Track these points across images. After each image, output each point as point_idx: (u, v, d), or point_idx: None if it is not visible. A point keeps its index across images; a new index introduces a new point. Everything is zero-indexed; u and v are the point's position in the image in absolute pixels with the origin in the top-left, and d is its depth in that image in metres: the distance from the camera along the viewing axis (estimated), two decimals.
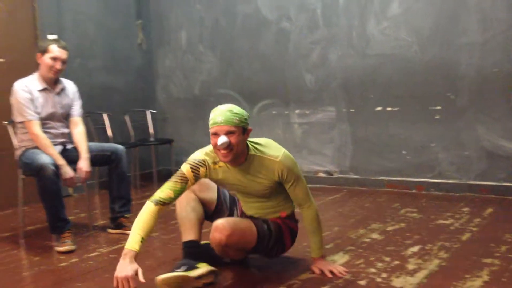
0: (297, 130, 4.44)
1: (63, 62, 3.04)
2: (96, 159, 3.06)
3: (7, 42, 3.96)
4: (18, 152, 3.02)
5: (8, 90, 3.00)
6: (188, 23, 4.96)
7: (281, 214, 2.31)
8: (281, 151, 2.18)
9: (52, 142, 2.95)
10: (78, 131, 3.13)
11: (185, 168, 2.16)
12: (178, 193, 2.13)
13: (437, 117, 3.79)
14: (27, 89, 2.94)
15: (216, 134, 2.06)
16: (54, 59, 2.99)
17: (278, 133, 4.47)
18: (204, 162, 2.18)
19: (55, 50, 2.99)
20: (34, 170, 2.75)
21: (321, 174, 4.33)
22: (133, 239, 2.00)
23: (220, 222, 2.12)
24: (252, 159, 2.17)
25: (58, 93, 3.09)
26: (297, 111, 4.42)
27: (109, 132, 4.43)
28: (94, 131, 4.26)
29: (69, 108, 3.14)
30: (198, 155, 2.20)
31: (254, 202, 2.30)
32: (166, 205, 2.10)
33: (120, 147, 3.14)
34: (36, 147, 2.91)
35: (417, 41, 3.80)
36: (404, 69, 3.88)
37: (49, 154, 2.83)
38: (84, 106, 3.30)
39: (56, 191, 2.77)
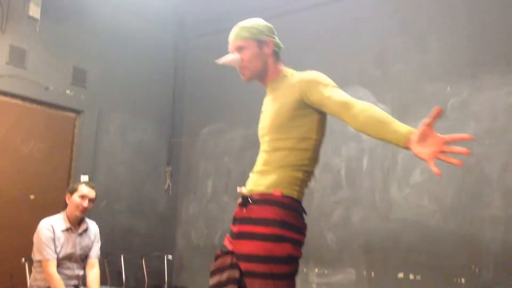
0: None
1: (91, 200, 3.14)
2: None
3: (41, 181, 4.14)
4: None
5: (32, 227, 3.06)
6: (215, 173, 5.14)
7: (274, 191, 1.79)
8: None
9: (65, 283, 2.92)
10: (93, 273, 3.11)
11: None
12: None
13: None
14: (51, 228, 3.01)
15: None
16: (82, 197, 3.10)
17: None
18: None
19: (84, 189, 3.12)
20: None
21: None
22: None
23: None
24: (285, 76, 1.92)
25: (80, 234, 3.13)
26: (316, 269, 4.31)
27: (123, 276, 4.36)
28: (109, 274, 4.20)
29: (88, 249, 3.16)
30: None
31: (263, 150, 1.91)
32: None
33: None
34: None
35: (440, 210, 3.81)
36: (427, 236, 3.83)
37: None
38: (103, 247, 3.32)
39: None
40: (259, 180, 1.86)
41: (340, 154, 4.28)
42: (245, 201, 1.85)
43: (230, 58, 1.88)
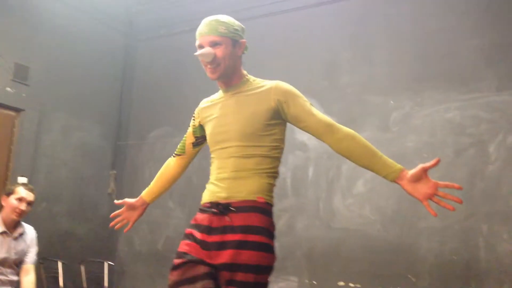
0: None
1: (28, 203, 3.03)
2: None
3: None
4: None
5: None
6: None
7: (258, 197, 1.79)
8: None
9: None
10: (28, 279, 2.99)
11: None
12: (182, 142, 2.11)
13: None
14: None
15: (201, 47, 1.82)
16: (20, 199, 2.98)
17: None
18: (199, 104, 2.04)
19: (21, 191, 3.00)
20: None
21: None
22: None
23: None
24: (247, 81, 1.90)
25: (16, 238, 3.01)
26: None
27: (61, 282, 4.20)
28: (45, 280, 4.04)
29: (23, 254, 3.04)
30: None
31: (231, 155, 1.82)
32: (175, 156, 2.13)
33: None
34: None
35: (381, 220, 3.92)
36: (367, 246, 3.93)
37: None
38: (40, 252, 3.20)
39: None
40: (236, 187, 1.78)
41: (287, 162, 4.33)
42: (225, 209, 1.76)
43: (205, 52, 1.77)
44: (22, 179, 3.47)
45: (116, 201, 2.18)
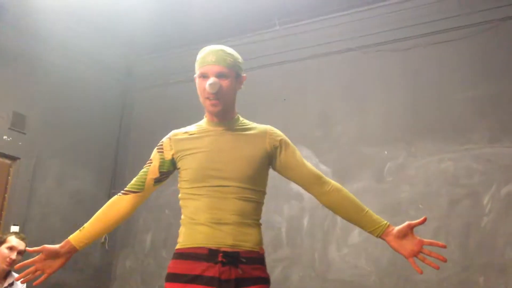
0: None
1: (20, 252, 2.99)
2: None
3: None
4: None
5: None
6: (155, 227, 5.02)
7: (260, 248, 1.73)
8: None
9: None
10: None
11: (153, 152, 1.90)
12: (140, 178, 1.86)
13: None
14: None
15: (205, 77, 1.71)
16: (11, 248, 2.95)
17: None
18: (169, 135, 1.88)
19: (13, 240, 2.97)
20: None
21: None
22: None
23: None
24: (238, 119, 1.83)
25: None
26: None
27: None
28: None
29: None
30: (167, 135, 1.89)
31: (231, 196, 1.69)
32: (127, 193, 1.85)
33: None
34: None
35: (376, 271, 3.87)
36: None
37: None
38: None
39: None
40: (242, 235, 1.68)
41: (283, 213, 4.31)
42: (236, 259, 1.63)
43: (213, 82, 1.67)
44: (14, 228, 3.44)
45: (28, 249, 1.81)
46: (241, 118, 1.86)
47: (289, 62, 4.59)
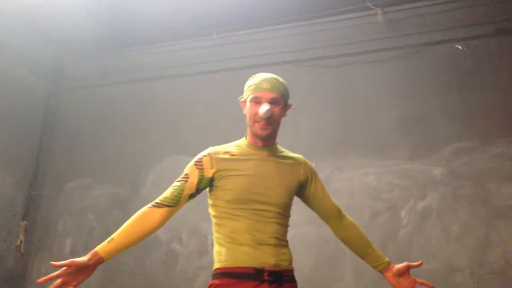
0: None
1: None
2: None
3: None
4: None
5: None
6: (76, 231, 4.83)
7: (291, 267, 1.87)
8: None
9: None
10: None
11: (188, 169, 1.88)
12: (176, 192, 1.83)
13: None
14: None
15: (257, 102, 1.82)
16: None
17: None
18: (208, 153, 1.88)
19: None
20: None
21: None
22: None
23: None
24: (277, 145, 1.97)
25: None
26: None
27: None
28: None
29: None
30: (205, 151, 1.91)
31: (271, 220, 1.81)
32: (161, 207, 1.81)
33: None
34: None
35: (298, 280, 3.94)
36: None
37: None
38: None
39: None
40: (281, 255, 1.81)
41: (209, 219, 4.28)
42: (279, 278, 1.77)
43: (269, 108, 1.77)
44: None
45: (54, 263, 1.71)
46: (279, 147, 1.99)
47: (224, 71, 4.61)
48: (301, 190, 1.97)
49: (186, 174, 1.88)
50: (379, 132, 4.03)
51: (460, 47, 3.92)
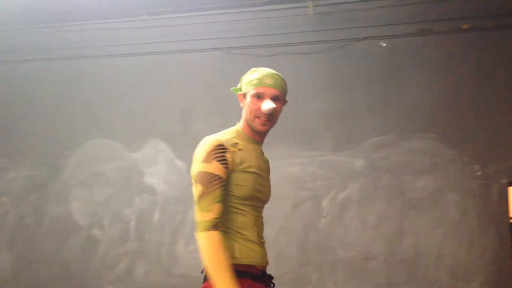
0: None
1: None
2: None
3: None
4: None
5: None
6: None
7: None
8: None
9: None
10: None
11: (211, 167, 1.65)
12: (218, 196, 1.64)
13: None
14: None
15: (259, 97, 1.80)
16: None
17: None
18: (223, 146, 1.71)
19: None
20: None
21: None
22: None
23: None
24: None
25: None
26: None
27: None
28: None
29: None
30: (213, 141, 1.72)
31: (262, 218, 1.84)
32: (220, 226, 1.63)
33: None
34: None
35: None
36: None
37: None
38: None
39: None
40: (265, 254, 1.79)
41: (132, 205, 4.22)
42: (270, 279, 1.75)
43: (273, 106, 1.76)
44: None
45: None
46: None
47: (154, 54, 4.49)
48: None
49: (215, 175, 1.67)
50: (306, 123, 4.11)
51: (384, 45, 4.08)
